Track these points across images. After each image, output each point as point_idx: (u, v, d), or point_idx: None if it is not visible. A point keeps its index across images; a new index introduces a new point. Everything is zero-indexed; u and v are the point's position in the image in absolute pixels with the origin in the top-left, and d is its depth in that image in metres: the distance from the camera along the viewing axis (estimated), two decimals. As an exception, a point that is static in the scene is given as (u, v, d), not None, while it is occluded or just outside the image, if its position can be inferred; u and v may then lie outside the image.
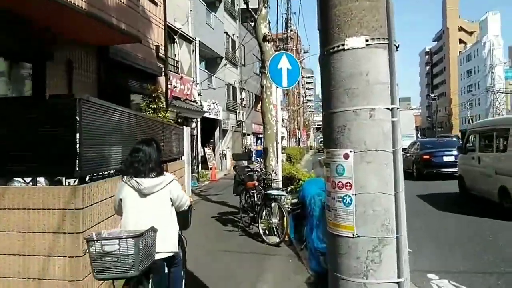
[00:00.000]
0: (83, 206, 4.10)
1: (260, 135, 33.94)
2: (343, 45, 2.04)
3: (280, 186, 7.41)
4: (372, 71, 2.00)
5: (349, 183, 2.04)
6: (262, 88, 9.25)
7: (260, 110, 9.95)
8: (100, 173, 4.98)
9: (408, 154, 17.80)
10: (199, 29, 19.60)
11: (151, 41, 10.95)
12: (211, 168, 20.10)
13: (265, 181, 7.41)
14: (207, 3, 21.69)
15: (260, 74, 10.22)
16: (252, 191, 7.77)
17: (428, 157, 15.15)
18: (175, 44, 16.81)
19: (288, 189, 7.48)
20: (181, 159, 11.81)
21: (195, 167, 17.97)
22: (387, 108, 2.00)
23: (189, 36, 18.15)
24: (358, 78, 2.01)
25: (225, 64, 24.95)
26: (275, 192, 6.77)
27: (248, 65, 29.37)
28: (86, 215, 4.18)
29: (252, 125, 32.11)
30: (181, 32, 16.91)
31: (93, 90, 7.95)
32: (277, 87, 8.02)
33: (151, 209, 3.25)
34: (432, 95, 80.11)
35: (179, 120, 13.45)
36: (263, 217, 7.25)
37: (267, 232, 7.07)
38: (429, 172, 14.93)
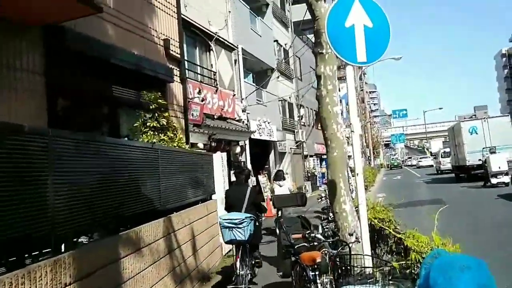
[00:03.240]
0: None
1: (324, 156, 29.70)
2: None
3: (370, 266, 3.42)
4: None
5: None
6: (319, 81, 5.39)
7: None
8: None
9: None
10: (242, 35, 16.36)
11: (155, 33, 7.64)
12: (266, 200, 16.33)
13: (338, 259, 3.54)
14: (252, 8, 18.53)
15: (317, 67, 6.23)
16: (312, 273, 3.94)
17: None
18: (211, 51, 13.66)
19: (386, 270, 3.52)
20: (211, 198, 8.31)
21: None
22: None
23: (229, 43, 14.95)
24: None
25: (277, 77, 21.50)
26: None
27: (305, 75, 25.58)
28: None
29: (314, 146, 28.20)
30: (218, 37, 13.74)
31: (35, 103, 4.65)
32: (346, 64, 4.18)
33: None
34: (516, 99, 70.97)
35: (213, 144, 10.00)
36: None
37: None
38: None
